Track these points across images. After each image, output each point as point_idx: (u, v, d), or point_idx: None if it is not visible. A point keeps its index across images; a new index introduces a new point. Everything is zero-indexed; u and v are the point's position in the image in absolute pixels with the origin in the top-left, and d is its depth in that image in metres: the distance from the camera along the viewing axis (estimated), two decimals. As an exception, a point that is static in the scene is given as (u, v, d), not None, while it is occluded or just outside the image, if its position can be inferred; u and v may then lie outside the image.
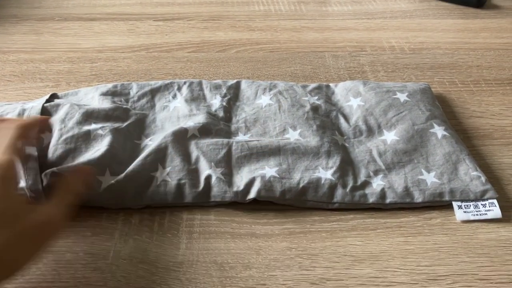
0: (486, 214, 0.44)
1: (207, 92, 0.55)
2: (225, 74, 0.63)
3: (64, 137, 0.46)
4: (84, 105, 0.50)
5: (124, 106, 0.52)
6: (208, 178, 0.45)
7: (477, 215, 0.44)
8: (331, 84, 0.58)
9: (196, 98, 0.54)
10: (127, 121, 0.50)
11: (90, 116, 0.48)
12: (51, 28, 0.73)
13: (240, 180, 0.45)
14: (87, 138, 0.46)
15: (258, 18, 0.77)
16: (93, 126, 0.47)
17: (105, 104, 0.51)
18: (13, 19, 0.75)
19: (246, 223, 0.43)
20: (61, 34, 0.72)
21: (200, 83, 0.56)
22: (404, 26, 0.75)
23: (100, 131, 0.47)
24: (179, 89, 0.56)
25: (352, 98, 0.55)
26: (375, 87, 0.55)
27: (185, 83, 0.56)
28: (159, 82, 0.56)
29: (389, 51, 0.69)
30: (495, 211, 0.44)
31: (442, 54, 0.68)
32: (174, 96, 0.54)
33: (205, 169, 0.46)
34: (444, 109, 0.56)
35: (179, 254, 0.40)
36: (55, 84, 0.60)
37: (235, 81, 0.57)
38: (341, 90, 0.57)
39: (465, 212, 0.44)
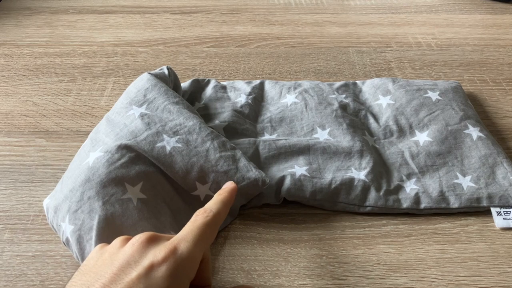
0: (527, 221, 0.41)
1: (231, 94, 0.53)
2: (245, 70, 0.61)
3: None
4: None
5: None
6: None
7: (517, 222, 0.41)
8: (358, 82, 0.56)
9: (221, 98, 0.52)
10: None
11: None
12: (65, 21, 0.71)
13: (270, 180, 0.43)
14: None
15: (278, 12, 0.75)
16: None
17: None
18: (27, 12, 0.73)
19: (273, 227, 0.41)
20: (76, 27, 0.70)
21: (224, 87, 0.54)
22: (430, 21, 0.72)
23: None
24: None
25: (381, 97, 0.52)
26: (405, 85, 0.53)
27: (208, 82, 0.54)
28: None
29: (416, 47, 0.66)
30: (537, 218, 0.41)
31: (471, 50, 0.65)
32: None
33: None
34: (476, 109, 0.54)
35: (203, 260, 0.38)
36: (71, 78, 0.59)
37: (258, 81, 0.55)
38: (369, 88, 0.54)
39: (504, 219, 0.41)
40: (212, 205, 0.35)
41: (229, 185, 0.38)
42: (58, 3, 0.76)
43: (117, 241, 0.32)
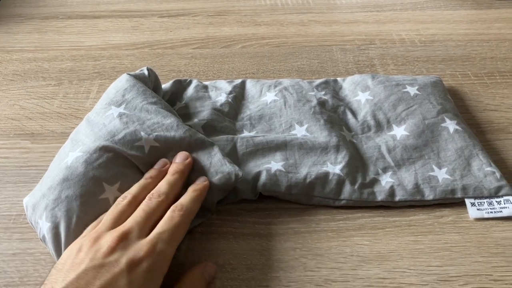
0: (501, 211, 0.42)
1: (212, 93, 0.54)
2: (229, 70, 0.62)
3: None
4: None
5: None
6: None
7: (491, 212, 0.42)
8: (339, 79, 0.56)
9: (201, 97, 0.53)
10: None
11: None
12: (54, 27, 0.72)
13: (247, 175, 0.43)
14: None
15: (264, 13, 0.76)
16: None
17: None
18: (18, 18, 0.75)
19: (249, 222, 0.42)
20: (65, 33, 0.71)
21: (205, 86, 0.55)
22: (415, 18, 0.73)
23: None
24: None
25: (360, 93, 0.53)
26: (384, 80, 0.53)
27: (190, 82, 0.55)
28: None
29: (399, 44, 0.66)
30: (511, 209, 0.42)
31: (455, 46, 0.66)
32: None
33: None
34: (456, 103, 0.54)
35: (179, 255, 0.39)
36: (58, 82, 0.60)
37: (240, 81, 0.56)
38: (349, 85, 0.55)
39: (478, 209, 0.42)
40: (187, 202, 0.37)
41: (202, 182, 0.39)
42: (48, 9, 0.78)
43: (90, 237, 0.33)
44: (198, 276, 0.35)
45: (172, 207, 0.37)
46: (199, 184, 0.40)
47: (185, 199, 0.38)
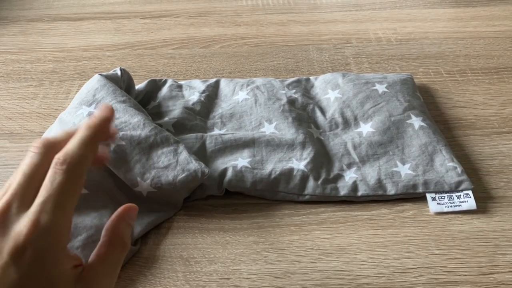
0: (460, 205, 0.43)
1: (185, 92, 0.55)
2: (207, 70, 0.63)
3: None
4: None
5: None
6: None
7: (451, 206, 0.43)
8: (311, 78, 0.58)
9: (175, 96, 0.54)
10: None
11: None
12: (39, 29, 0.74)
13: (213, 172, 0.45)
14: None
15: (245, 13, 0.77)
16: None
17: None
18: (4, 21, 0.76)
19: (215, 217, 0.43)
20: (49, 35, 0.72)
21: (180, 86, 0.56)
22: (393, 17, 0.74)
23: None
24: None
25: (330, 91, 0.54)
26: (354, 79, 0.55)
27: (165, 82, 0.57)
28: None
29: (375, 43, 0.68)
30: (470, 203, 0.43)
31: (430, 44, 0.67)
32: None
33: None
34: (426, 100, 0.55)
35: (145, 249, 0.40)
36: (39, 83, 0.61)
37: (214, 80, 0.57)
38: (320, 83, 0.56)
39: (438, 204, 0.43)
40: (73, 150, 0.29)
41: (94, 115, 0.32)
42: (34, 12, 0.79)
43: None
44: (123, 227, 0.30)
45: (53, 161, 0.28)
46: (86, 123, 0.31)
47: (69, 145, 0.29)
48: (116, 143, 0.43)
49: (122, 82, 0.50)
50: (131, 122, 0.44)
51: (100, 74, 0.49)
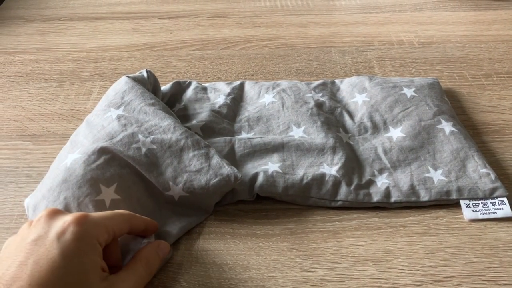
0: (495, 212, 0.42)
1: (211, 95, 0.54)
2: (229, 72, 0.62)
3: None
4: None
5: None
6: None
7: (486, 213, 0.42)
8: (336, 80, 0.57)
9: (200, 99, 0.53)
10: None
11: None
12: (56, 28, 0.73)
13: (244, 177, 0.44)
14: None
15: (264, 14, 0.76)
16: None
17: None
18: (20, 20, 0.76)
19: (246, 223, 0.43)
20: (66, 34, 0.72)
21: (204, 88, 0.56)
22: (414, 20, 0.73)
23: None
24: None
25: (357, 94, 0.53)
26: (381, 82, 0.54)
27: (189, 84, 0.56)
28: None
29: (398, 45, 0.67)
30: (505, 210, 0.42)
31: (453, 47, 0.66)
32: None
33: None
34: (453, 104, 0.54)
35: (178, 255, 0.40)
36: (59, 84, 0.60)
37: (238, 82, 0.56)
38: (346, 86, 0.55)
39: (473, 210, 0.42)
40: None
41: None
42: (50, 11, 0.78)
43: (25, 224, 0.34)
44: (152, 253, 0.36)
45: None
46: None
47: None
48: (148, 147, 0.42)
49: (149, 84, 0.50)
50: (161, 126, 0.43)
51: (128, 76, 0.49)
